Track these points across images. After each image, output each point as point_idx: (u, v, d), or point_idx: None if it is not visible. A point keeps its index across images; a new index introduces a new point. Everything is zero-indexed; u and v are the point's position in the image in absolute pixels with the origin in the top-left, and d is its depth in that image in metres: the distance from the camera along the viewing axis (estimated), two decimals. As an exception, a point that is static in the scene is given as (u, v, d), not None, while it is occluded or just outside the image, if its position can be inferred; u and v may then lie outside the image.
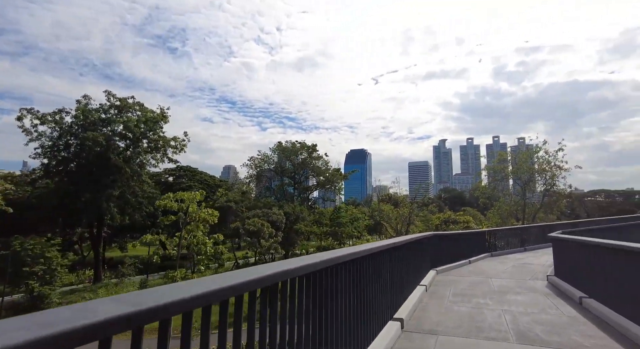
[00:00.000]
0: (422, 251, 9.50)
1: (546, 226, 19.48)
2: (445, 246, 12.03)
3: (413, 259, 8.14)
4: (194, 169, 54.44)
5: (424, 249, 9.72)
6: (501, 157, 34.61)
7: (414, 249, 8.38)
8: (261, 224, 27.91)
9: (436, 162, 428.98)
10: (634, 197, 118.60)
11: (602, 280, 6.62)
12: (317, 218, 37.08)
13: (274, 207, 35.55)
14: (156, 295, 1.37)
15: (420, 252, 9.11)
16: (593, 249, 7.05)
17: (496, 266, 12.66)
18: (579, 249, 8.00)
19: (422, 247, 9.52)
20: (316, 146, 49.83)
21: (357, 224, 39.38)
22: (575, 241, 8.23)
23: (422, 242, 9.58)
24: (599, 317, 6.14)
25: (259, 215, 31.96)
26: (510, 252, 16.73)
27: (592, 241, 7.16)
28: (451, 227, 34.67)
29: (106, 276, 35.47)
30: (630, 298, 5.63)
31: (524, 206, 34.31)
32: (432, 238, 10.62)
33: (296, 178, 48.67)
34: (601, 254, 6.69)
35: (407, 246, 7.66)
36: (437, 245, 11.30)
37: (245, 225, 27.84)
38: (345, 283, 3.67)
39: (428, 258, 10.36)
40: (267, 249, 26.78)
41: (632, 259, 5.57)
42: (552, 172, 31.97)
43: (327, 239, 36.00)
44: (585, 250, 7.52)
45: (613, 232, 15.93)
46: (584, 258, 7.55)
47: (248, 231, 27.32)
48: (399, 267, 6.56)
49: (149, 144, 33.98)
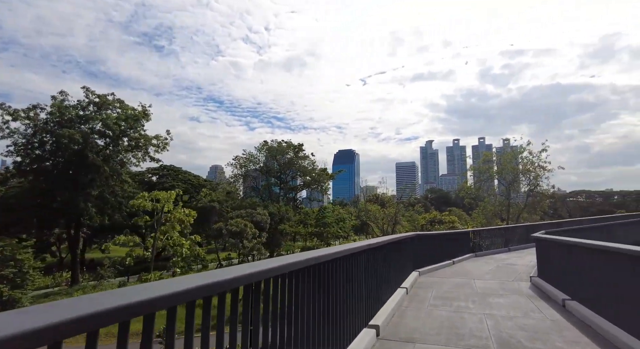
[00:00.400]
0: (403, 251, 9.20)
1: (530, 226, 19.53)
2: (428, 246, 11.78)
3: (393, 261, 7.82)
4: (178, 169, 53.30)
5: (405, 250, 9.43)
6: (486, 157, 34.88)
7: (395, 250, 8.06)
8: (244, 225, 27.23)
9: (423, 162, 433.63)
10: (612, 197, 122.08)
11: (583, 281, 6.41)
12: (302, 218, 36.67)
13: (259, 207, 34.91)
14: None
15: (401, 253, 8.80)
16: (572, 249, 6.86)
17: (480, 266, 12.48)
18: (560, 249, 7.81)
19: (403, 248, 9.22)
20: (302, 145, 49.38)
21: (342, 225, 39.02)
22: (555, 241, 8.05)
23: (404, 243, 9.29)
24: (582, 320, 5.91)
25: (243, 215, 31.27)
26: (494, 252, 16.64)
27: (570, 241, 6.97)
28: (436, 227, 34.73)
29: (85, 278, 34.26)
30: (611, 299, 5.41)
31: (508, 206, 34.61)
32: (414, 238, 10.33)
33: (282, 178, 47.97)
34: (581, 254, 6.49)
35: (387, 247, 7.34)
36: (420, 245, 11.03)
37: (228, 225, 27.14)
38: (311, 288, 3.31)
39: (410, 259, 10.07)
40: (250, 250, 26.09)
41: (611, 259, 5.35)
42: (536, 173, 32.35)
43: (312, 239, 35.47)
44: (565, 250, 7.33)
45: (595, 232, 16.01)
46: (565, 258, 7.35)
47: (230, 232, 26.63)
48: (377, 269, 6.22)
49: (129, 143, 32.90)
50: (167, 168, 52.21)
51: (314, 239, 35.65)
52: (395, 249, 8.05)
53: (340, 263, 4.29)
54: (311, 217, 37.96)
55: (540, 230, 19.89)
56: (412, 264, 10.23)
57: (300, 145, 48.29)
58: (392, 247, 7.75)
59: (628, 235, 19.20)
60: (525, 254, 16.23)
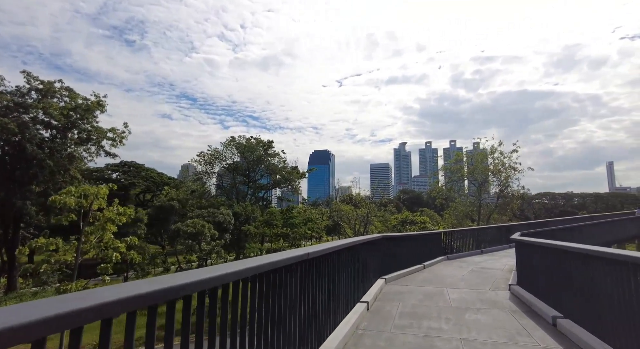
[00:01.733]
0: (368, 256, 7.80)
1: (503, 227, 18.81)
2: (397, 249, 10.46)
3: (352, 269, 6.39)
4: (140, 165, 49.87)
5: (371, 255, 8.04)
6: (458, 157, 34.55)
7: (355, 255, 6.64)
8: (201, 225, 24.99)
9: (396, 164, 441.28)
10: (573, 199, 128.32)
11: (578, 295, 5.21)
12: (268, 219, 34.81)
13: (222, 206, 32.64)
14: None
15: (363, 259, 7.39)
16: (564, 255, 5.67)
17: (453, 271, 11.32)
18: (546, 255, 6.64)
19: (368, 253, 7.82)
20: (272, 142, 46.83)
21: (311, 225, 37.24)
22: (542, 245, 6.86)
23: (369, 246, 7.89)
24: (580, 347, 4.67)
25: (204, 215, 29.03)
26: (467, 254, 15.67)
27: (561, 246, 5.78)
28: (408, 228, 33.97)
29: (27, 284, 30.80)
30: (613, 318, 4.22)
31: (479, 207, 34.37)
32: (380, 241, 8.96)
33: (251, 176, 46.00)
34: (574, 262, 5.31)
35: (347, 252, 5.90)
36: (388, 249, 9.69)
37: (183, 226, 24.81)
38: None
39: (376, 264, 8.70)
40: (208, 254, 23.81)
41: (614, 269, 4.17)
42: (507, 173, 32.26)
43: (277, 241, 33.44)
44: (554, 256, 6.15)
45: (574, 233, 15.34)
46: (554, 266, 6.17)
47: (186, 233, 24.31)
48: (330, 282, 4.74)
49: (79, 135, 29.78)
50: (128, 165, 48.72)
51: (279, 241, 33.70)
52: (356, 254, 6.64)
53: (279, 276, 2.99)
54: (277, 218, 36.09)
55: (514, 231, 19.18)
56: (378, 270, 8.87)
57: (270, 142, 46.06)
58: (353, 252, 6.33)
59: (601, 235, 18.90)
60: (499, 256, 15.36)
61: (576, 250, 5.17)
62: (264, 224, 31.98)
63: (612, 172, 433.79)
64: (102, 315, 1.34)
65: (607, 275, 4.33)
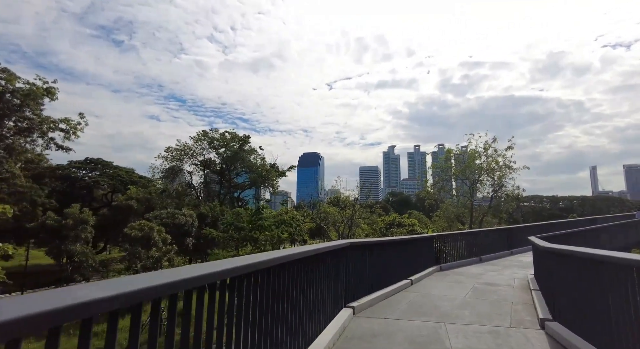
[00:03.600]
0: (323, 276, 4.83)
1: (503, 231, 16.06)
2: (374, 260, 7.47)
3: (293, 302, 3.45)
4: (107, 163, 45.79)
5: (328, 273, 5.07)
6: (449, 154, 31.90)
7: (301, 276, 3.71)
8: (149, 228, 21.47)
9: (385, 167, 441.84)
10: (559, 203, 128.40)
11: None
12: (232, 221, 31.57)
13: (184, 207, 29.17)
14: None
15: (316, 281, 4.45)
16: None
17: (450, 289, 8.42)
18: (621, 278, 3.73)
19: (323, 270, 4.86)
20: (249, 137, 42.45)
21: (287, 228, 33.63)
22: (616, 261, 3.92)
23: (325, 260, 4.93)
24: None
25: (163, 217, 25.62)
26: (463, 263, 12.84)
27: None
28: (393, 232, 31.16)
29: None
30: None
31: (471, 208, 31.81)
32: (346, 251, 5.97)
33: (225, 174, 42.35)
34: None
35: (279, 273, 3.02)
36: (359, 262, 6.70)
37: (127, 229, 21.25)
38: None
39: (338, 286, 5.69)
40: (156, 261, 20.11)
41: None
42: (502, 172, 29.78)
43: (244, 246, 29.75)
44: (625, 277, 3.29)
45: (581, 238, 12.68)
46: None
47: (130, 237, 20.79)
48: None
49: (17, 124, 26.01)
50: (95, 162, 44.74)
51: (246, 246, 29.97)
52: (304, 274, 3.73)
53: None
54: (244, 219, 31.89)
55: (516, 235, 16.41)
56: (342, 296, 5.87)
57: (246, 137, 41.87)
58: (297, 270, 3.45)
59: (612, 240, 16.36)
60: (501, 266, 12.57)
61: None
62: (230, 227, 28.44)
63: (595, 176, 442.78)
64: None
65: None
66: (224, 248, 27.50)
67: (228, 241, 27.80)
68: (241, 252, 27.25)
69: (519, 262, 13.40)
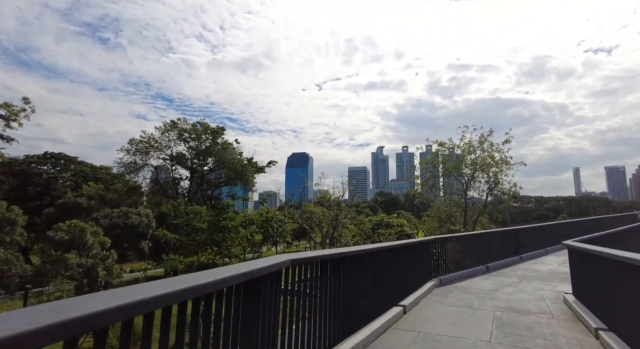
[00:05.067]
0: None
1: (511, 232, 13.36)
2: (343, 288, 4.56)
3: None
4: (70, 158, 41.80)
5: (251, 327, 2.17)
6: (442, 147, 29.25)
7: None
8: (80, 230, 17.89)
9: (374, 168, 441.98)
10: (544, 204, 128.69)
11: None
12: (189, 221, 25.90)
13: (141, 206, 25.64)
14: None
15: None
16: None
17: (462, 324, 5.60)
18: None
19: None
20: (223, 129, 38.60)
21: (256, 229, 29.98)
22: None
23: (247, 298, 2.03)
24: None
25: (114, 216, 22.19)
26: (467, 274, 10.14)
27: None
28: (380, 233, 28.40)
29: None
30: None
31: (465, 207, 29.29)
32: (273, 278, 3.04)
33: (197, 170, 37.86)
34: None
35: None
36: (316, 291, 3.79)
37: (50, 232, 17.57)
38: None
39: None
40: (86, 273, 16.27)
41: None
42: (499, 168, 27.33)
43: (205, 250, 25.84)
44: None
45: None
46: None
47: (54, 241, 17.25)
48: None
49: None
50: (55, 157, 40.72)
51: (207, 251, 26.00)
52: None
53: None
54: (204, 219, 26.60)
55: (523, 237, 13.74)
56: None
57: (221, 128, 38.06)
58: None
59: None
60: (515, 278, 9.86)
61: None
62: (187, 228, 24.62)
63: (578, 177, 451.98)
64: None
65: None
66: (183, 253, 23.96)
67: (185, 244, 24.17)
68: (202, 258, 23.79)
69: (535, 272, 10.73)
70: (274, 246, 55.44)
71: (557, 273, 10.37)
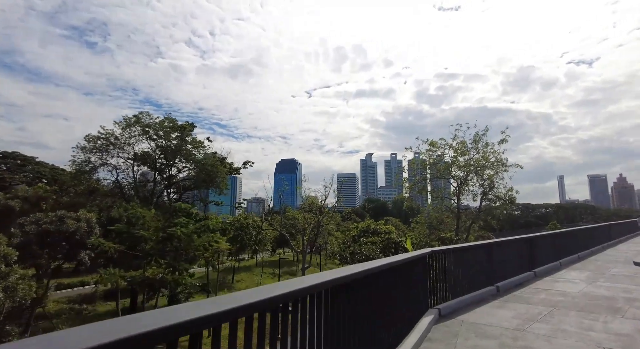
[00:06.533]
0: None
1: (524, 241, 10.70)
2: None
3: None
4: (27, 158, 37.97)
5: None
6: (433, 146, 26.80)
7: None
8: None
9: (363, 175, 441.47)
10: (531, 212, 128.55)
11: None
12: (128, 228, 22.11)
13: (83, 209, 22.15)
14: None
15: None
16: None
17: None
18: None
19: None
20: (193, 125, 34.38)
21: (214, 237, 26.32)
22: None
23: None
24: None
25: (45, 221, 18.91)
26: (474, 299, 7.49)
27: None
28: (362, 243, 25.57)
29: None
30: None
31: (458, 213, 26.82)
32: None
33: (164, 170, 33.74)
34: None
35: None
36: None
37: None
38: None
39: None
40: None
41: None
42: (495, 170, 25.01)
43: (149, 263, 21.80)
44: None
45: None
46: None
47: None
48: None
49: None
50: (9, 156, 36.85)
51: (151, 264, 21.89)
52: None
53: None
54: (149, 225, 22.35)
55: (538, 246, 11.25)
56: None
57: (190, 125, 33.99)
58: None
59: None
60: (542, 305, 7.15)
61: None
62: (127, 235, 20.93)
63: (562, 185, 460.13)
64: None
65: None
66: (130, 266, 20.44)
67: (128, 255, 20.44)
68: (148, 273, 20.35)
69: (563, 295, 8.05)
70: (254, 254, 52.12)
71: (595, 297, 7.74)
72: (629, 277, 10.00)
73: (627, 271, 10.92)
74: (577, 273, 10.82)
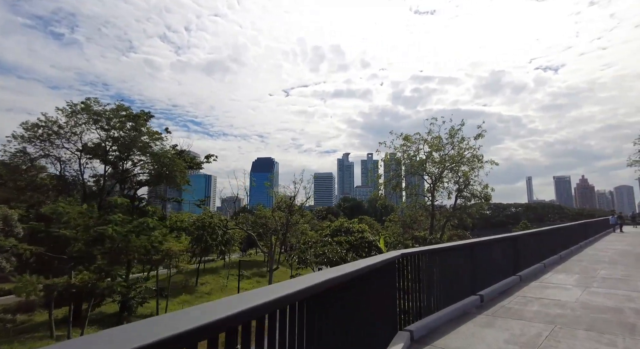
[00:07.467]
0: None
1: (507, 241, 9.30)
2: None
3: None
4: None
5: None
6: (408, 141, 25.58)
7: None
8: None
9: (340, 174, 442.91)
10: (502, 211, 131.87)
11: None
12: (40, 226, 19.11)
13: (3, 205, 19.18)
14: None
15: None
16: None
17: None
18: None
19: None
20: (150, 115, 31.24)
21: (160, 235, 23.61)
22: None
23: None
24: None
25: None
26: (454, 316, 5.90)
27: None
28: (328, 242, 23.94)
29: None
30: None
31: (432, 210, 25.71)
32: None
33: (117, 164, 30.28)
34: None
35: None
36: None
37: None
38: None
39: None
40: None
41: None
42: (470, 166, 24.04)
43: (76, 268, 18.82)
44: None
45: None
46: None
47: None
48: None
49: None
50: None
51: (79, 269, 19.13)
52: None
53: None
54: (73, 223, 19.24)
55: (522, 246, 9.96)
56: None
57: (146, 114, 30.70)
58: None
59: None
60: (537, 321, 5.61)
61: None
62: (45, 234, 17.93)
63: (531, 186, 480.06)
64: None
65: None
66: (53, 272, 17.71)
67: (52, 259, 17.59)
68: (76, 279, 17.73)
69: (559, 306, 6.61)
70: (221, 255, 49.44)
71: (598, 308, 6.34)
72: (622, 281, 8.83)
73: (618, 274, 9.81)
74: (565, 276, 9.57)
